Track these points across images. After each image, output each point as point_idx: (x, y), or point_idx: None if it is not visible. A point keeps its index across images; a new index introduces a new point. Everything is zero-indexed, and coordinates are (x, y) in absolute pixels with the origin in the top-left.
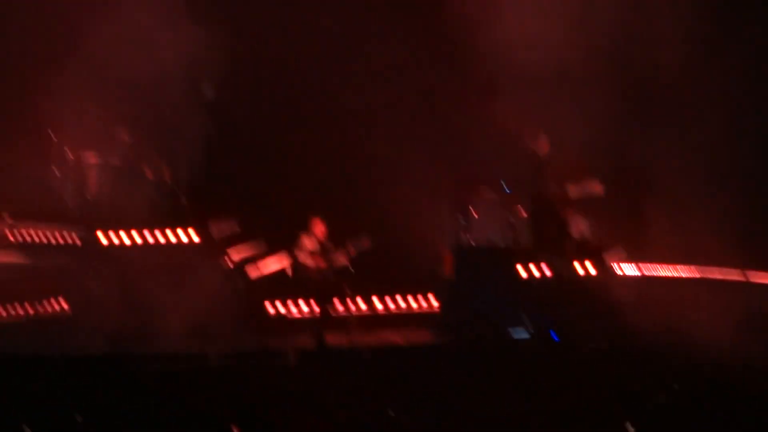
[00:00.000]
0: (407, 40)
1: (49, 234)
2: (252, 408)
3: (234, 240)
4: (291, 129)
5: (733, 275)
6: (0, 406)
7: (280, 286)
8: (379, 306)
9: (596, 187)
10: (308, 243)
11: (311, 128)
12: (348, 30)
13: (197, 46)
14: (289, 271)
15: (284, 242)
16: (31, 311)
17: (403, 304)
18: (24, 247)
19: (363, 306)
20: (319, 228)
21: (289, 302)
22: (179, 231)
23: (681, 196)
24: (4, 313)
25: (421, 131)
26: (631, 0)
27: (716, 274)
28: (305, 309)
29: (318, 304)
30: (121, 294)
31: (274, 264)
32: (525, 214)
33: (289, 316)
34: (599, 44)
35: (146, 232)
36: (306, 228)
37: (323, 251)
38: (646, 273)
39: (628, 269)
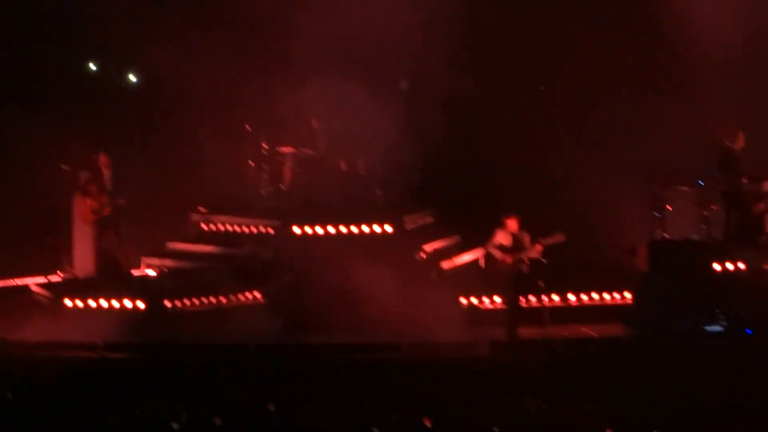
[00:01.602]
0: (600, 33)
1: (243, 225)
2: (444, 399)
3: (428, 233)
4: (486, 124)
5: None
6: (191, 392)
7: (473, 278)
8: (572, 298)
9: None
10: (502, 237)
11: (506, 123)
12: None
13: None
14: (483, 264)
15: (479, 236)
16: (224, 300)
17: (596, 297)
18: (219, 237)
19: (556, 298)
20: (513, 222)
21: (483, 295)
22: (374, 223)
23: None
24: (197, 302)
25: (616, 125)
26: None
27: None
28: (498, 301)
29: (511, 296)
30: (314, 285)
31: (468, 257)
32: (719, 208)
33: (482, 307)
34: None
35: (340, 224)
36: (500, 222)
37: (518, 245)
38: None
39: None
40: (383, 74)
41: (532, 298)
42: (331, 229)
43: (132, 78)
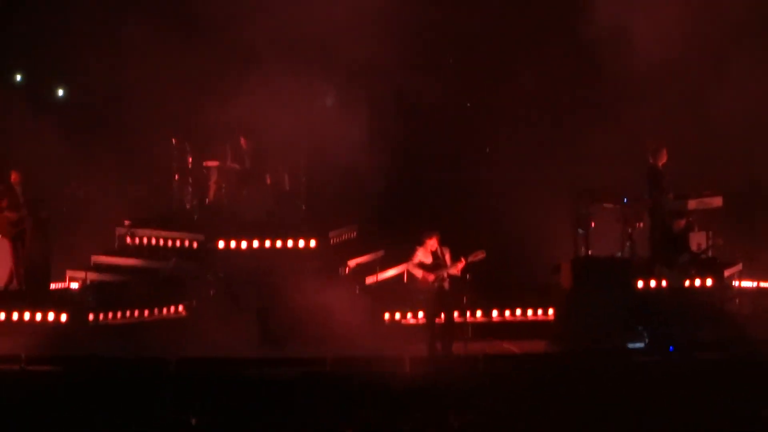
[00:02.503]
0: (529, 51)
1: (168, 239)
2: (366, 414)
3: (352, 247)
4: (413, 140)
5: None
6: (114, 405)
7: (397, 293)
8: (495, 315)
9: (715, 200)
10: (423, 255)
11: (434, 140)
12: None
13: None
14: (406, 280)
15: (403, 251)
16: (147, 314)
17: (519, 313)
18: (143, 251)
19: (479, 314)
20: (433, 240)
21: (406, 310)
22: (298, 238)
23: None
24: (120, 316)
25: (543, 143)
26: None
27: None
28: (420, 316)
29: (432, 313)
30: (238, 299)
31: (392, 272)
32: (643, 226)
33: (405, 323)
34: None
35: (265, 239)
36: (420, 240)
37: (438, 263)
38: (763, 285)
39: (745, 281)
40: (309, 89)
41: (455, 314)
42: (255, 244)
43: (58, 92)
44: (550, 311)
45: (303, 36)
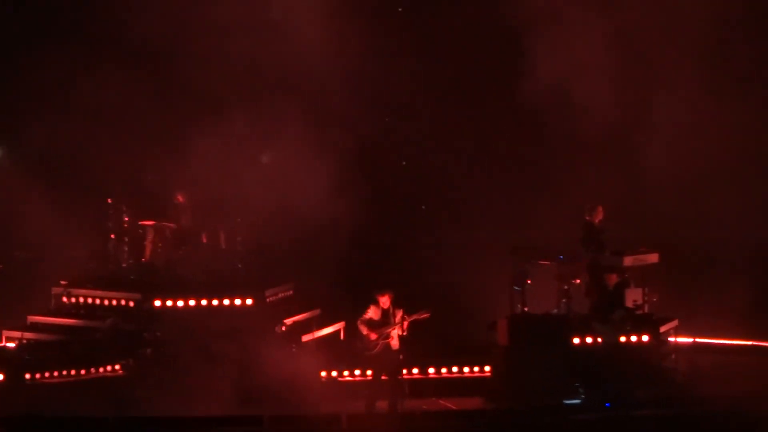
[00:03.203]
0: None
1: (104, 298)
2: None
3: (289, 305)
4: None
5: None
6: None
7: (333, 351)
8: (431, 371)
9: (651, 257)
10: (373, 312)
11: (364, 198)
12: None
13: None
14: (342, 337)
15: (339, 309)
16: (84, 372)
17: (456, 370)
18: (80, 310)
19: (415, 371)
20: (386, 299)
21: (342, 368)
22: (235, 296)
23: (736, 268)
24: (57, 374)
25: (478, 199)
26: None
27: None
28: (357, 373)
29: (378, 370)
30: (175, 358)
31: (328, 330)
32: (579, 282)
33: (341, 380)
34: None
35: (201, 297)
36: (378, 295)
37: (386, 321)
38: (699, 340)
39: (681, 337)
40: (245, 146)
41: (392, 371)
42: (192, 302)
43: None
44: (487, 368)
45: (233, 91)
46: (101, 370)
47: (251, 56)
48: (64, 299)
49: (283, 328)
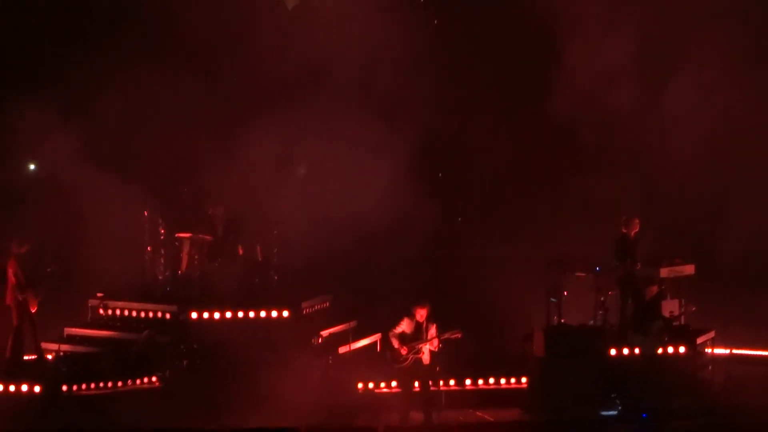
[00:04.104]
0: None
1: (141, 310)
2: None
3: (325, 317)
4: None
5: None
6: None
7: (369, 363)
8: (468, 383)
9: (687, 268)
10: (406, 325)
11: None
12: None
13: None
14: (380, 348)
15: (375, 321)
16: (120, 385)
17: (492, 382)
18: (116, 322)
19: (452, 382)
20: (423, 311)
21: (379, 380)
22: (271, 308)
23: None
24: (94, 387)
25: (515, 213)
26: None
27: None
28: (394, 385)
29: (408, 383)
30: (211, 370)
31: (364, 342)
32: (615, 294)
33: (377, 392)
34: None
35: (237, 309)
36: (415, 308)
37: (419, 334)
38: (736, 352)
39: (718, 348)
40: (280, 159)
41: (429, 383)
42: (228, 314)
43: (30, 166)
44: (523, 380)
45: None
46: (138, 382)
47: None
48: (101, 311)
49: (320, 340)
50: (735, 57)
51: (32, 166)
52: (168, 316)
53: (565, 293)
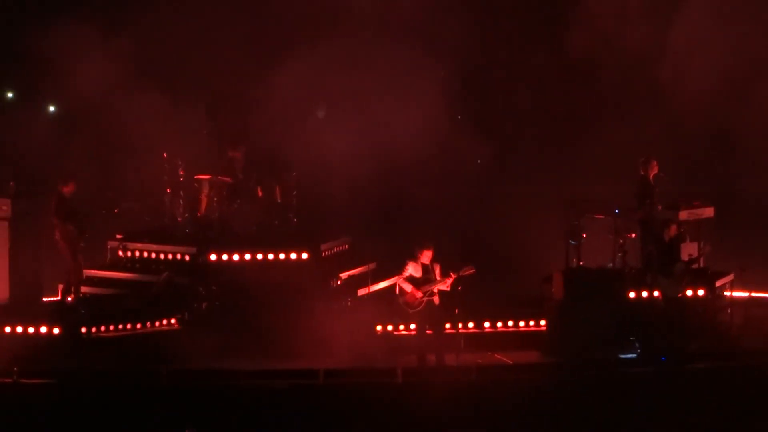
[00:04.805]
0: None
1: (160, 252)
2: (357, 426)
3: (344, 260)
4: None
5: None
6: (107, 417)
7: (389, 305)
8: (487, 326)
9: (706, 211)
10: (414, 269)
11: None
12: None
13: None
14: (398, 291)
15: (395, 263)
16: (140, 327)
17: (511, 324)
18: (135, 264)
19: (471, 326)
20: (428, 254)
21: (398, 322)
22: (290, 250)
23: None
24: (113, 329)
25: (533, 156)
26: None
27: None
28: (412, 328)
29: (423, 326)
30: (230, 312)
31: (383, 284)
32: (635, 236)
33: (396, 334)
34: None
35: (256, 251)
36: (419, 251)
37: (428, 277)
38: (754, 294)
39: (737, 291)
40: (298, 102)
41: (447, 324)
42: (247, 256)
43: (50, 108)
44: (542, 322)
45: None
46: (156, 324)
47: None
48: (120, 253)
49: (339, 282)
50: None
51: (51, 108)
52: (187, 257)
53: (584, 235)
